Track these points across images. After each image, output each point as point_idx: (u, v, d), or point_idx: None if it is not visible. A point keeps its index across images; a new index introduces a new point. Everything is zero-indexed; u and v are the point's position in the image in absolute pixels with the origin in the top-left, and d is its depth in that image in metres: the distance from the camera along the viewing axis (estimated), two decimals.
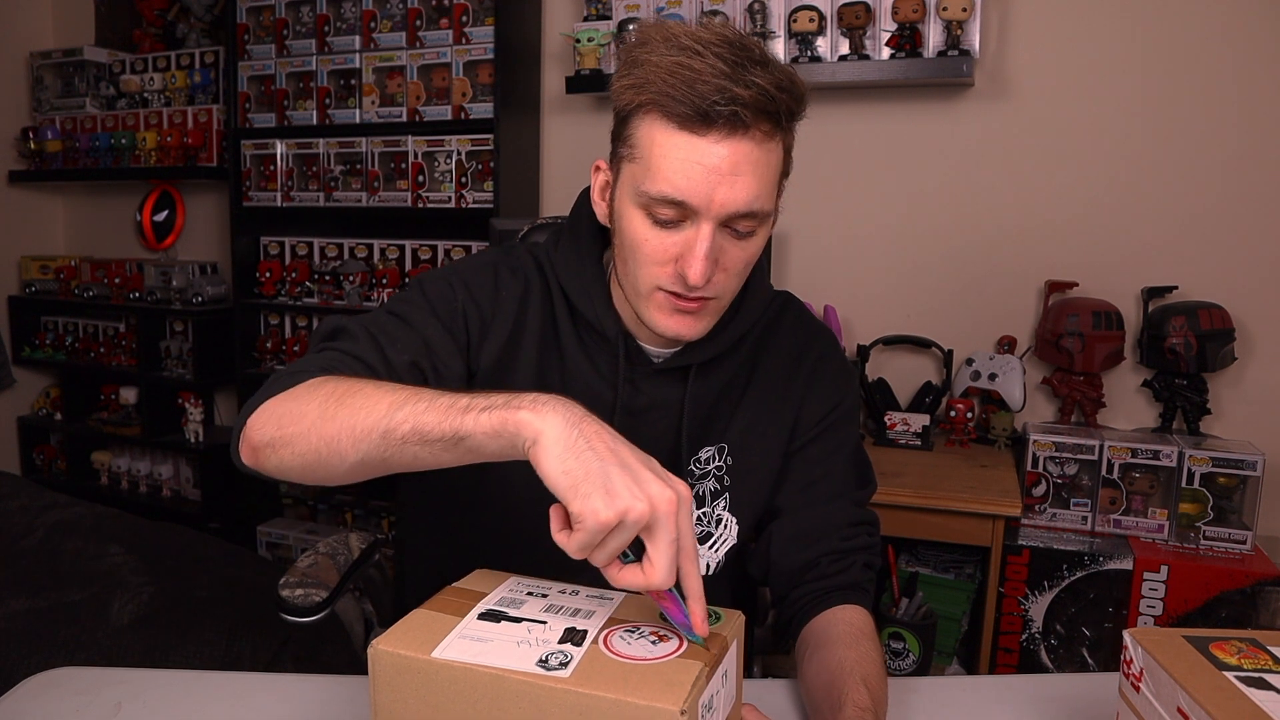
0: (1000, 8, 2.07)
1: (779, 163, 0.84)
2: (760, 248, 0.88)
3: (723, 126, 0.78)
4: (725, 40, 0.78)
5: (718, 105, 0.76)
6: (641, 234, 0.84)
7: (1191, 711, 0.60)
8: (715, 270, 0.83)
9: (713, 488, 1.00)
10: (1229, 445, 1.84)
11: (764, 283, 1.02)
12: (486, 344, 0.93)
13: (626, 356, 0.95)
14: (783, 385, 1.01)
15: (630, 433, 0.95)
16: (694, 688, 0.59)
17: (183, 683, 0.96)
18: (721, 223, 0.82)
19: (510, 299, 0.95)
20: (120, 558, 1.86)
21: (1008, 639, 1.82)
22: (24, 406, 3.25)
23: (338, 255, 2.73)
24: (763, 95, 0.77)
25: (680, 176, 0.79)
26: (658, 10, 2.21)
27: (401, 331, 0.89)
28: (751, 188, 0.80)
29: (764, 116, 0.79)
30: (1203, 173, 1.99)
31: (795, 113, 0.82)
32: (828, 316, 2.23)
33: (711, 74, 0.76)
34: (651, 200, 0.81)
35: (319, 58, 2.57)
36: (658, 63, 0.79)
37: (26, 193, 3.22)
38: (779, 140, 0.82)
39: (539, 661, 0.61)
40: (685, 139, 0.79)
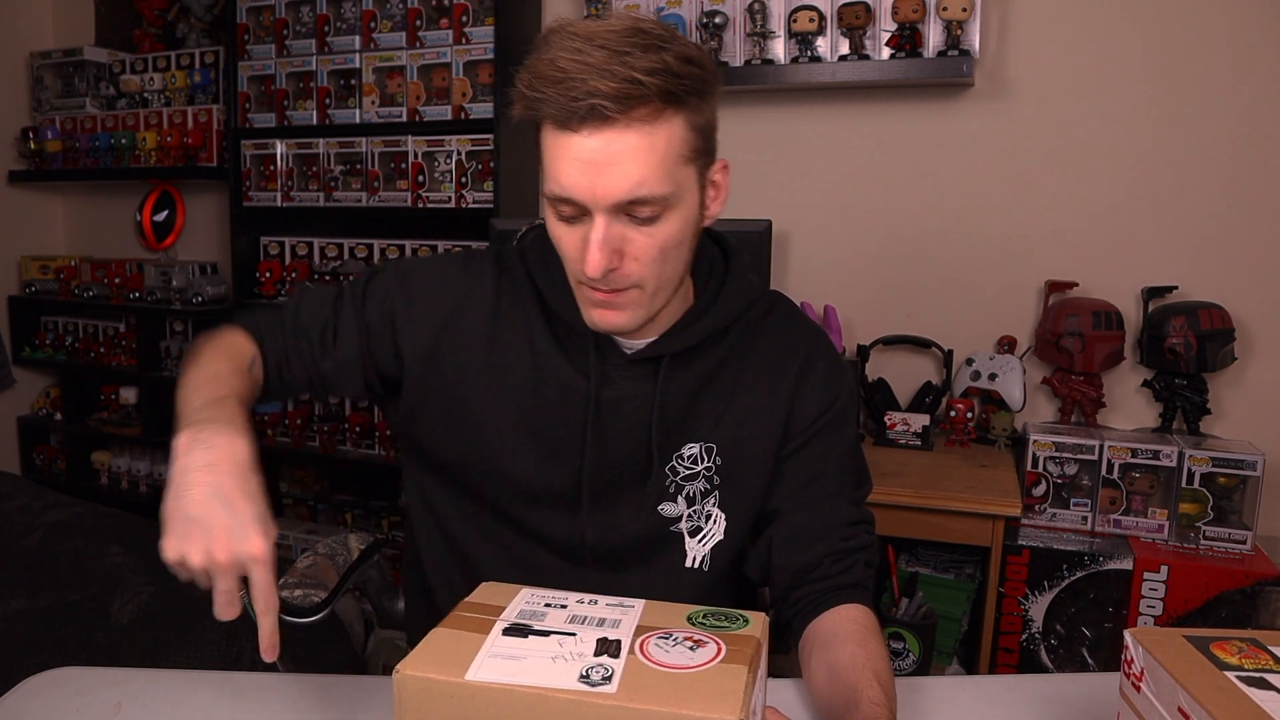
0: (1000, 8, 2.07)
1: (675, 142, 0.82)
2: (675, 232, 0.86)
3: (591, 121, 0.79)
4: (622, 30, 0.80)
5: (577, 101, 0.78)
6: (556, 231, 0.88)
7: (1192, 711, 0.60)
8: (623, 260, 0.85)
9: (702, 488, 1.00)
10: (1229, 445, 1.84)
11: (745, 278, 1.02)
12: (411, 331, 0.99)
13: (598, 349, 0.97)
14: (772, 385, 1.00)
15: (605, 424, 0.97)
16: (745, 694, 0.58)
17: (183, 683, 0.96)
18: (617, 212, 0.83)
19: (458, 292, 1.00)
20: (120, 558, 1.85)
21: (1008, 639, 1.82)
22: (24, 406, 3.25)
23: (338, 255, 2.73)
24: (627, 83, 0.77)
25: (564, 174, 0.82)
26: (658, 10, 2.21)
27: (322, 309, 1.01)
28: (631, 176, 0.80)
29: (635, 103, 0.79)
30: (1203, 173, 1.99)
31: (679, 92, 0.80)
32: (828, 316, 2.23)
33: (578, 70, 0.78)
34: (551, 200, 0.85)
35: (319, 58, 2.57)
36: (535, 69, 0.81)
37: (26, 193, 3.21)
38: (671, 120, 0.81)
39: (580, 677, 0.59)
40: (564, 138, 0.81)
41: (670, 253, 0.87)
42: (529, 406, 0.98)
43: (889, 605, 1.93)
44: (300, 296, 1.03)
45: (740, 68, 2.16)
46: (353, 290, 1.02)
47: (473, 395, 0.99)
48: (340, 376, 1.01)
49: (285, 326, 1.00)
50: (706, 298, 0.98)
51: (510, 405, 0.99)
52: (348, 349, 1.00)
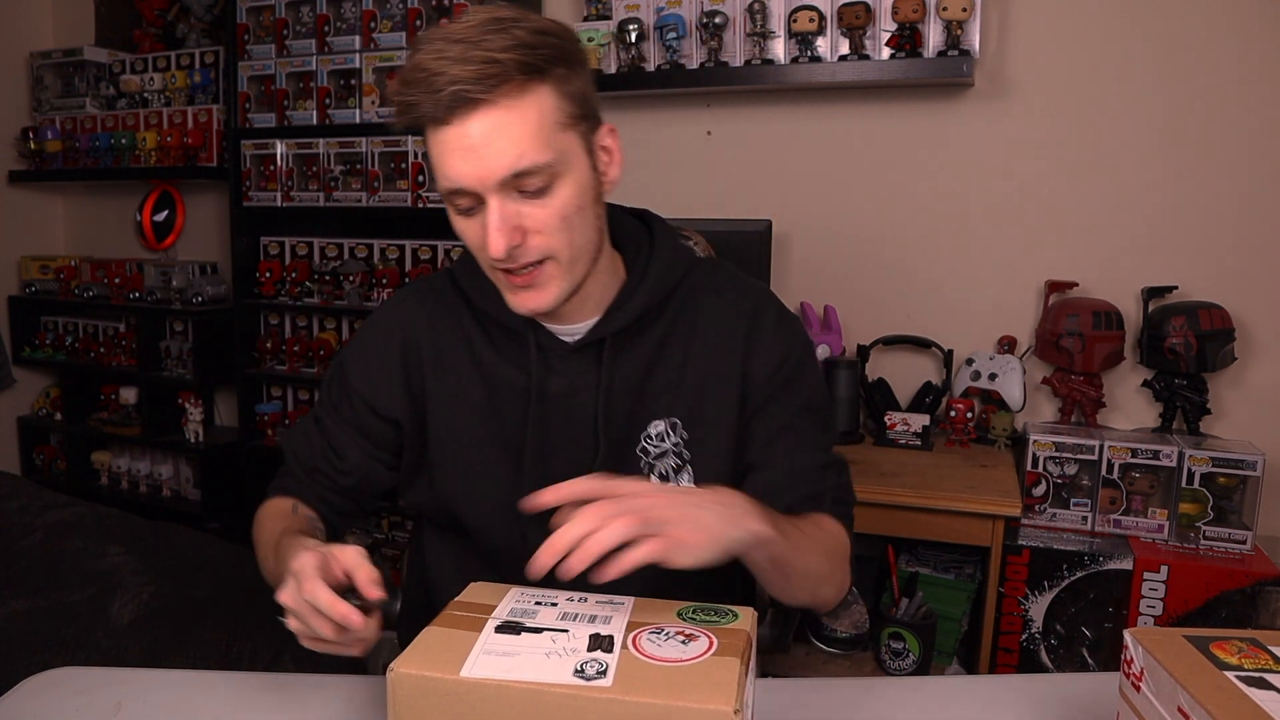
0: (1000, 8, 2.07)
1: (547, 112, 0.84)
2: (570, 199, 0.87)
3: (458, 110, 0.81)
4: (476, 23, 0.82)
5: (439, 92, 0.80)
6: (459, 226, 0.90)
7: (1192, 711, 0.60)
8: (525, 236, 0.86)
9: (674, 464, 1.00)
10: (1229, 445, 1.84)
11: (675, 248, 1.03)
12: (387, 399, 1.03)
13: (538, 344, 0.98)
14: (724, 349, 1.01)
15: (554, 416, 0.99)
16: (739, 685, 0.59)
17: (183, 683, 0.96)
18: (506, 190, 0.84)
19: (398, 339, 1.03)
20: (120, 558, 1.85)
21: (1008, 639, 1.82)
22: (24, 406, 3.25)
23: (338, 255, 2.73)
24: (485, 63, 0.80)
25: (448, 166, 0.84)
26: (658, 10, 2.21)
27: (314, 439, 1.05)
28: (508, 151, 0.82)
29: (496, 81, 0.81)
30: (1203, 172, 1.99)
31: (538, 63, 0.82)
32: (828, 316, 2.23)
33: (440, 66, 0.80)
34: (447, 196, 0.87)
35: (319, 58, 2.57)
36: (403, 76, 0.84)
37: (26, 193, 3.22)
38: (537, 92, 0.83)
39: (575, 672, 0.60)
40: (440, 132, 0.83)
41: (573, 220, 0.88)
42: (491, 422, 1.00)
43: (889, 605, 1.93)
44: (290, 443, 1.07)
45: (740, 68, 2.16)
46: (324, 408, 1.06)
47: (441, 430, 1.02)
48: (368, 481, 1.05)
49: (300, 473, 1.05)
50: (637, 273, 0.99)
51: (474, 427, 1.01)
52: (355, 455, 1.03)
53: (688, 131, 2.37)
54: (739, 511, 0.76)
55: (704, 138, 2.37)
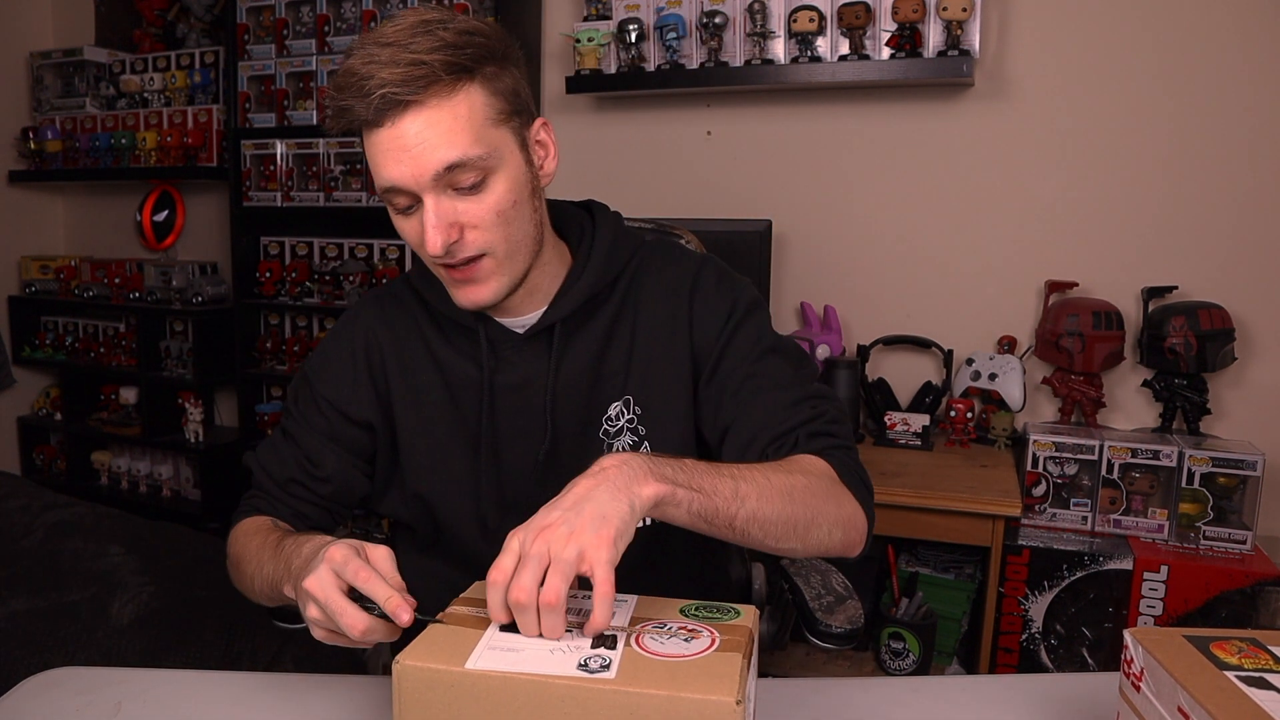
0: (1000, 8, 2.07)
1: (477, 109, 0.85)
2: (507, 194, 0.88)
3: (389, 112, 0.83)
4: (405, 26, 0.83)
5: (371, 96, 0.82)
6: (399, 226, 0.91)
7: (1192, 711, 0.60)
8: (462, 232, 0.88)
9: (630, 441, 1.01)
10: (1229, 445, 1.84)
11: (618, 233, 1.03)
12: (358, 404, 1.03)
13: (488, 336, 0.99)
14: (668, 320, 1.01)
15: (508, 407, 1.00)
16: (740, 679, 0.59)
17: (183, 683, 0.96)
18: (441, 187, 0.85)
19: (360, 344, 1.04)
20: (120, 558, 1.85)
21: (1008, 639, 1.82)
22: (24, 406, 3.25)
23: (338, 255, 2.73)
24: (411, 65, 0.81)
25: (383, 167, 0.85)
26: (658, 10, 2.21)
27: (285, 452, 1.04)
28: (439, 147, 0.83)
29: (424, 82, 0.82)
30: (1203, 172, 1.99)
31: (464, 62, 0.84)
32: (828, 316, 2.23)
33: (370, 70, 0.81)
34: (385, 195, 0.88)
35: (319, 58, 2.57)
36: (336, 82, 0.85)
37: (26, 193, 3.21)
38: (467, 90, 0.84)
39: (579, 665, 0.60)
40: (374, 135, 0.85)
41: (508, 214, 0.89)
42: (452, 417, 1.01)
43: (889, 605, 1.93)
44: (258, 462, 1.06)
45: (740, 68, 2.16)
46: (293, 420, 1.05)
47: (408, 430, 1.03)
48: (346, 488, 1.04)
49: (273, 488, 1.03)
50: (580, 260, 1.00)
51: (438, 424, 1.02)
52: (331, 462, 1.03)
53: (688, 131, 2.37)
54: (624, 479, 0.72)
55: (704, 138, 2.37)
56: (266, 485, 1.04)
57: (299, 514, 1.03)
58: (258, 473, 1.05)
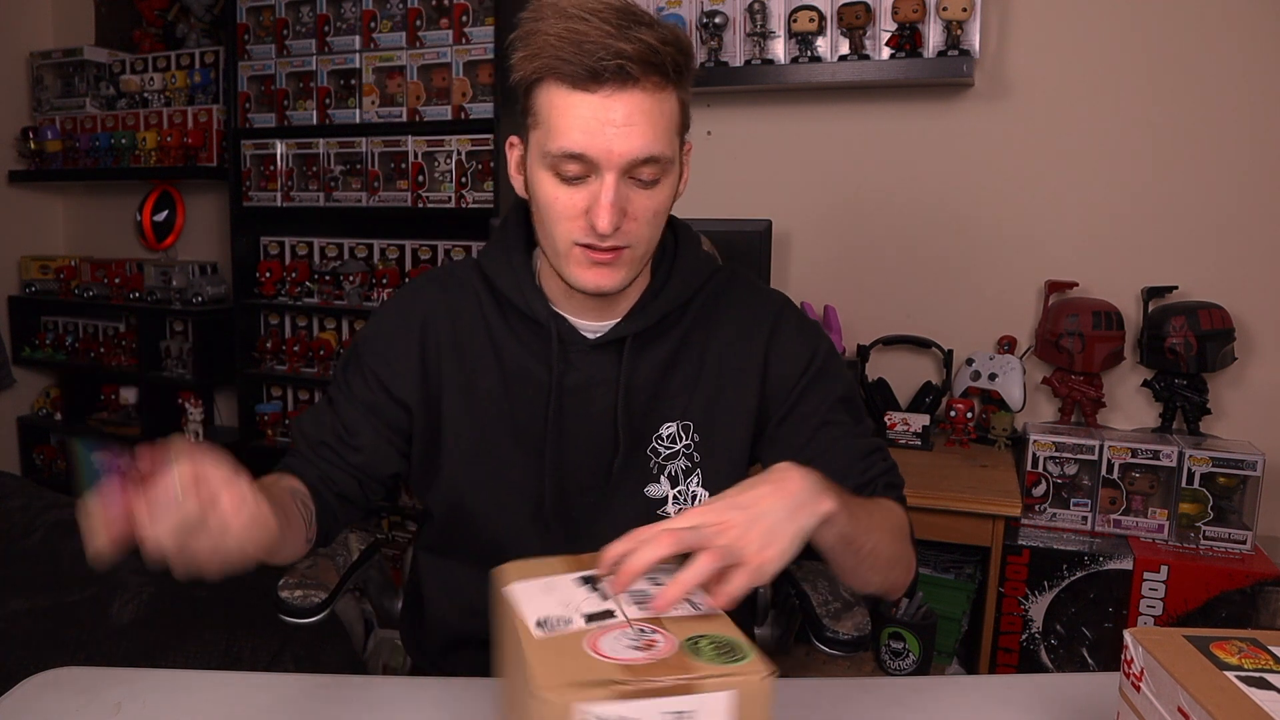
0: (1000, 8, 2.07)
1: (674, 113, 0.88)
2: (668, 198, 0.91)
3: (612, 81, 0.83)
4: (611, 6, 0.84)
5: (604, 61, 0.81)
6: (552, 193, 0.89)
7: (1192, 711, 0.60)
8: (624, 219, 0.88)
9: (684, 465, 1.01)
10: (1229, 445, 1.84)
11: (698, 255, 1.04)
12: (401, 383, 1.02)
13: (559, 336, 0.99)
14: (741, 354, 1.02)
15: (572, 411, 0.99)
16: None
17: (183, 683, 0.96)
18: (624, 173, 0.86)
19: (417, 323, 1.03)
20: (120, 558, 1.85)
21: (1008, 639, 1.82)
22: (24, 406, 3.25)
23: (338, 255, 2.73)
24: (647, 49, 0.82)
25: (578, 132, 0.84)
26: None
27: (325, 417, 1.03)
28: (646, 135, 0.85)
29: (651, 69, 0.83)
30: (1203, 172, 1.99)
31: (682, 66, 0.87)
32: (828, 316, 2.23)
33: (598, 34, 0.81)
34: (556, 159, 0.86)
35: (319, 58, 2.57)
36: (547, 31, 0.84)
37: (26, 193, 3.21)
38: (671, 92, 0.87)
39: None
40: (580, 97, 0.84)
41: (661, 217, 0.92)
42: (506, 411, 1.00)
43: (889, 605, 1.93)
44: (299, 425, 1.06)
45: (740, 68, 2.16)
46: (338, 387, 1.05)
47: (455, 418, 1.01)
48: (376, 460, 1.02)
49: (306, 450, 1.02)
50: (662, 274, 1.01)
51: (489, 416, 1.01)
52: (366, 433, 1.01)
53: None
54: (806, 495, 0.74)
55: (704, 138, 2.37)
56: (300, 446, 1.03)
57: (326, 477, 1.01)
58: (295, 435, 1.05)
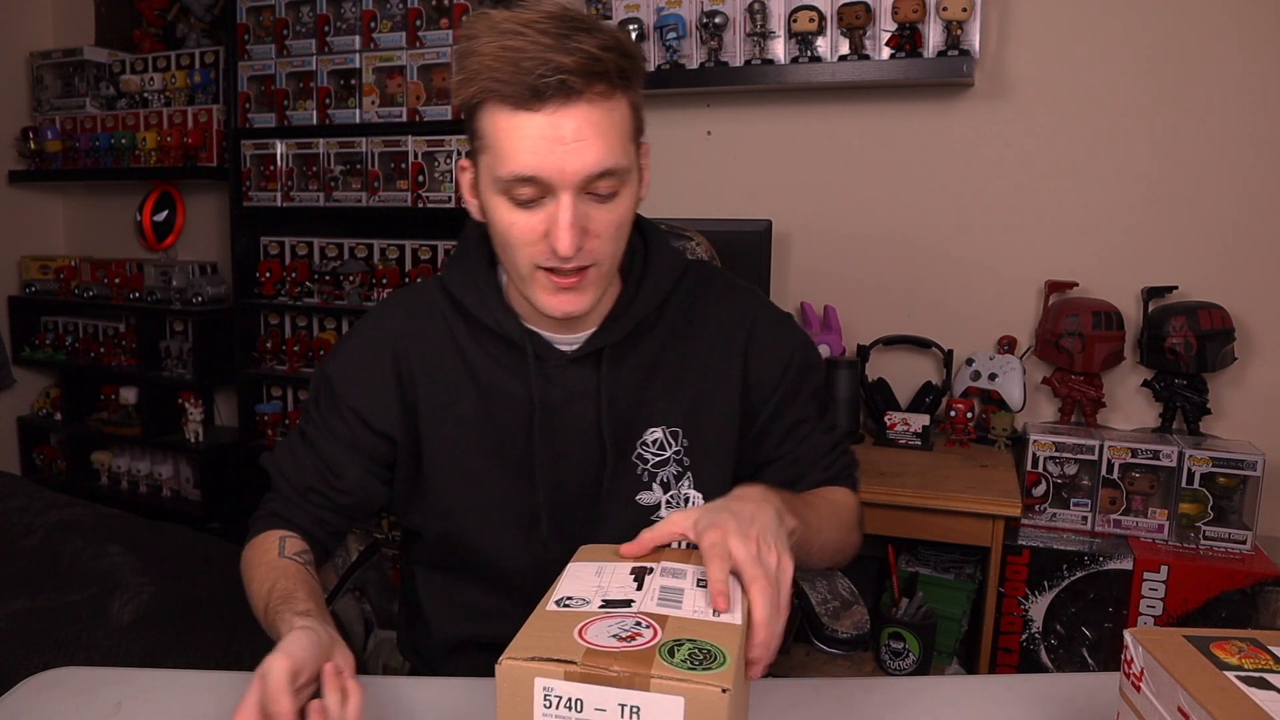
0: (1000, 8, 2.07)
1: (625, 119, 0.85)
2: (629, 208, 0.88)
3: (556, 97, 0.79)
4: (549, 15, 0.80)
5: (545, 78, 0.78)
6: (508, 218, 0.86)
7: (1192, 711, 0.60)
8: (585, 238, 0.85)
9: (675, 471, 1.00)
10: (1229, 445, 1.84)
11: (669, 256, 1.02)
12: (382, 413, 0.99)
13: (535, 354, 0.97)
14: (723, 355, 1.01)
15: (555, 426, 0.98)
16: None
17: (183, 683, 0.96)
18: (580, 190, 0.83)
19: (388, 350, 1.00)
20: (120, 558, 1.85)
21: (1008, 639, 1.82)
22: (24, 406, 3.25)
23: (338, 255, 2.73)
24: (588, 59, 0.79)
25: (527, 154, 0.81)
26: (658, 10, 2.21)
27: (305, 458, 1.01)
28: (599, 149, 0.81)
29: (595, 78, 0.80)
30: (1203, 172, 1.99)
31: (628, 69, 0.83)
32: (828, 316, 2.23)
33: (535, 49, 0.78)
34: (508, 183, 0.83)
35: (319, 58, 2.57)
36: (482, 51, 0.80)
37: (26, 193, 3.22)
38: (619, 98, 0.84)
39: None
40: (524, 118, 0.80)
41: (624, 229, 0.89)
42: (489, 433, 0.99)
43: (889, 605, 1.93)
44: (277, 465, 1.02)
45: (740, 68, 2.16)
46: (315, 425, 1.02)
47: (436, 444, 1.00)
48: (366, 499, 1.02)
49: (293, 495, 1.00)
50: (634, 280, 0.98)
51: (471, 440, 0.99)
52: (353, 473, 1.00)
53: (688, 131, 2.37)
54: (779, 512, 0.78)
55: (704, 138, 2.37)
56: (285, 491, 1.01)
57: (318, 519, 1.00)
58: (276, 477, 1.02)
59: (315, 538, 1.00)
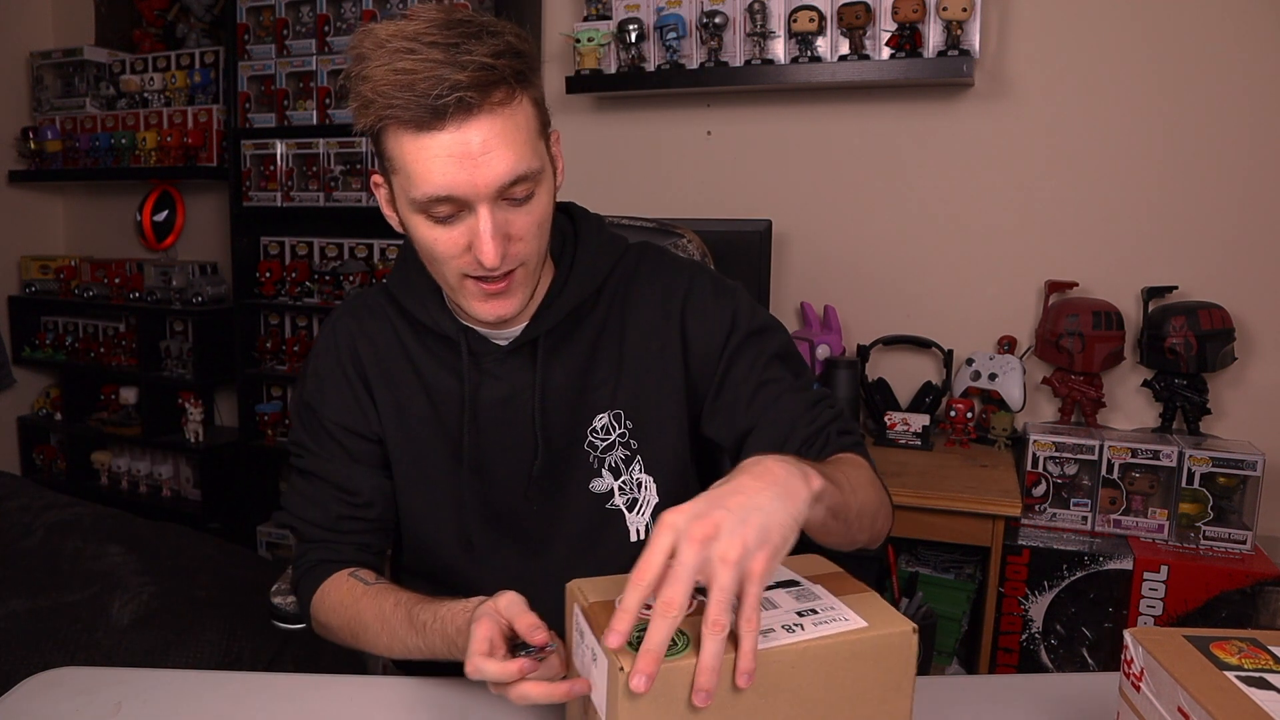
0: (1000, 8, 2.07)
1: (530, 119, 0.84)
2: (548, 204, 0.88)
3: (456, 114, 0.79)
4: (436, 25, 0.79)
5: (441, 98, 0.77)
6: (429, 236, 0.86)
7: (1192, 711, 0.60)
8: (509, 243, 0.85)
9: (623, 455, 0.99)
10: (1229, 445, 1.84)
11: (602, 238, 1.01)
12: (365, 414, 1.01)
13: (470, 349, 0.97)
14: (659, 333, 0.99)
15: (495, 421, 0.97)
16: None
17: (183, 683, 0.96)
18: (496, 199, 0.83)
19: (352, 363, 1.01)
20: (120, 558, 1.85)
21: (1008, 639, 1.82)
22: (24, 406, 3.25)
23: (338, 255, 2.73)
24: (482, 71, 0.78)
25: (437, 175, 0.80)
26: (658, 10, 2.21)
27: (319, 494, 1.01)
28: (508, 158, 0.81)
29: (492, 88, 0.79)
30: (1203, 172, 1.99)
31: (524, 70, 0.82)
32: (828, 316, 2.23)
33: (427, 69, 0.77)
34: (423, 204, 0.83)
35: (319, 58, 2.57)
36: (375, 76, 0.79)
37: (26, 193, 3.22)
38: (520, 98, 0.83)
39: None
40: (428, 139, 0.80)
41: (545, 225, 0.89)
42: (436, 431, 0.99)
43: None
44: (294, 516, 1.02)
45: (740, 68, 2.16)
46: (313, 457, 1.02)
47: (395, 445, 1.01)
48: (388, 504, 1.03)
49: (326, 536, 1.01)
50: (564, 266, 0.98)
51: (422, 439, 1.00)
52: (366, 483, 1.01)
53: (688, 131, 2.37)
54: (791, 478, 0.69)
55: (704, 138, 2.37)
56: (315, 535, 1.00)
57: (360, 545, 1.00)
58: (300, 526, 1.01)
59: (366, 565, 1.00)
